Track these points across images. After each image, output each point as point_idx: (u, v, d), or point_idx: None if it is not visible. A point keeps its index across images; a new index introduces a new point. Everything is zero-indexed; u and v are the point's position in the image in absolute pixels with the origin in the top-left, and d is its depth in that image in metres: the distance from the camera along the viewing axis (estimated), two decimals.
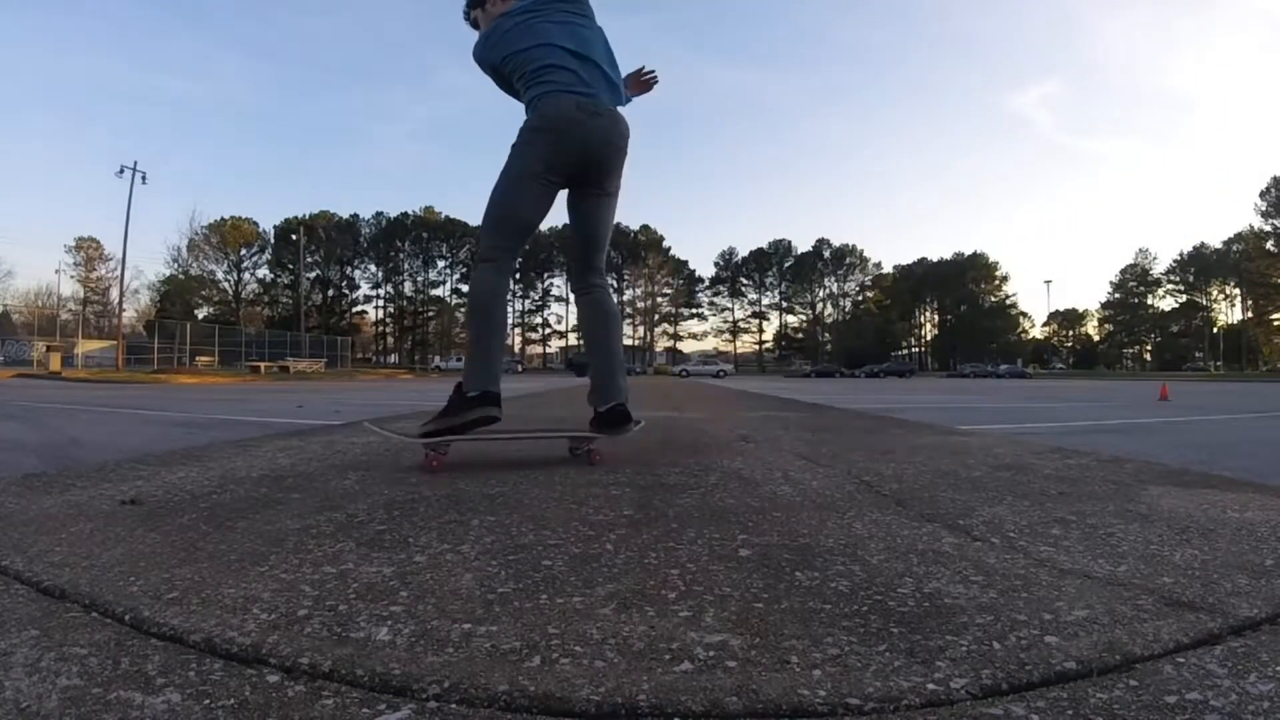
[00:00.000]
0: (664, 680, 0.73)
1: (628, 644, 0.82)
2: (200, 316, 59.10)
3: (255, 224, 70.00)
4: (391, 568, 1.10)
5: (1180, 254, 75.85)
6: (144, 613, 0.89)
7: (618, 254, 77.50)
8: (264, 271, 71.98)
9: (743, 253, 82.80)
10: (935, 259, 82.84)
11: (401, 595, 0.98)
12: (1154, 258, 77.84)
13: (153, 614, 0.89)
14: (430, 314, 77.27)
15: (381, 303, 78.33)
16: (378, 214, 76.69)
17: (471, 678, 0.73)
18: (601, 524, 1.42)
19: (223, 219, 66.98)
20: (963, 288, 79.32)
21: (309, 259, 68.30)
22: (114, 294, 55.78)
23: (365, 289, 77.55)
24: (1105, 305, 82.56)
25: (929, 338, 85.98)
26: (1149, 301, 78.54)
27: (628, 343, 76.20)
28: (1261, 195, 65.37)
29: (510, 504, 1.61)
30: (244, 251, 69.60)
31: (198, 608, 0.91)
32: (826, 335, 79.88)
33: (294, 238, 62.05)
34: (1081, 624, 0.88)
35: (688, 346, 78.66)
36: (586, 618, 0.90)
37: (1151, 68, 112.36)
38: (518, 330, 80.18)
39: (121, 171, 33.21)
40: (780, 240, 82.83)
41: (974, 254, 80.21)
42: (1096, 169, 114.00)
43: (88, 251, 63.52)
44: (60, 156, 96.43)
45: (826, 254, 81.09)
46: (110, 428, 4.96)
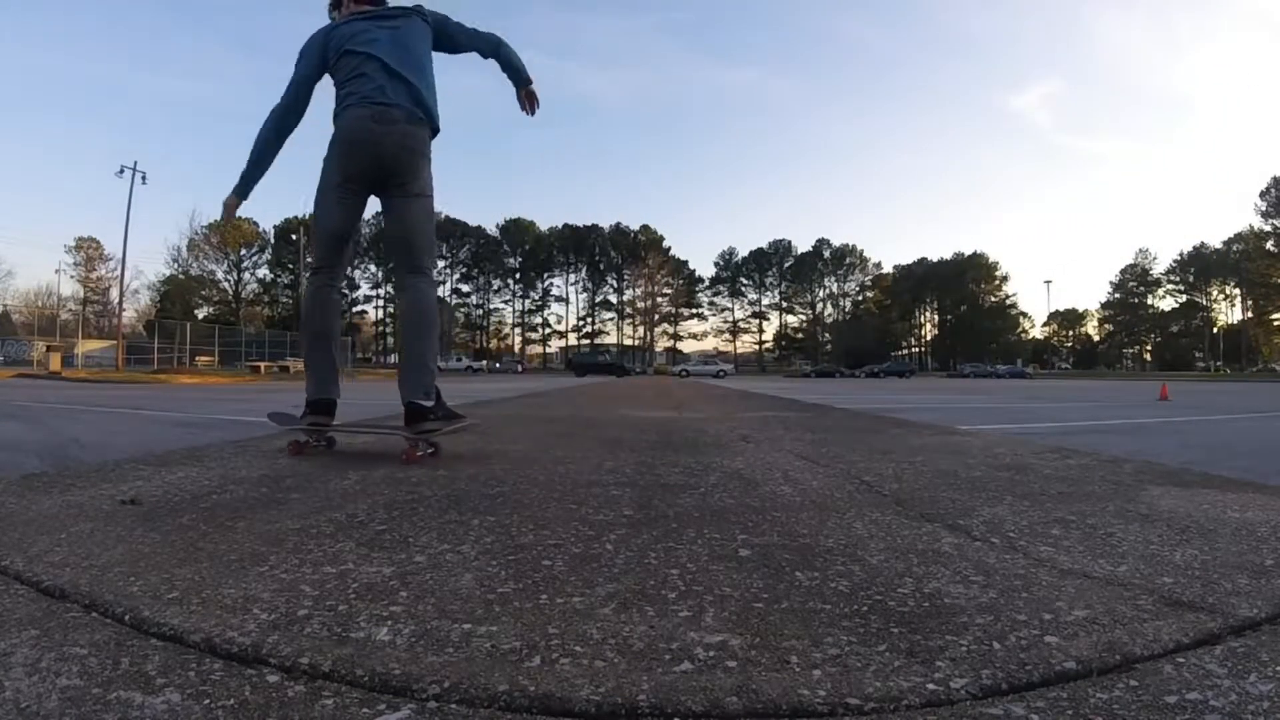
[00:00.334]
0: (664, 680, 0.73)
1: (628, 644, 0.82)
2: (200, 316, 59.11)
3: (255, 224, 69.95)
4: (391, 568, 1.10)
5: (1180, 254, 76.04)
6: (144, 613, 0.89)
7: (618, 254, 77.58)
8: (264, 271, 72.11)
9: (743, 253, 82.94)
10: (935, 259, 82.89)
11: (401, 595, 0.98)
12: (1154, 258, 78.00)
13: (153, 614, 0.89)
14: None
15: (381, 303, 78.36)
16: (377, 214, 76.34)
17: (471, 678, 0.73)
18: (601, 524, 1.43)
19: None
20: (963, 288, 79.32)
21: (309, 259, 68.27)
22: (114, 294, 55.82)
23: (365, 289, 77.60)
24: (1105, 305, 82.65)
25: (929, 338, 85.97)
26: (1149, 301, 78.60)
27: (628, 342, 76.22)
28: (1261, 195, 65.46)
29: (510, 504, 1.61)
30: (244, 251, 69.62)
31: (198, 608, 0.91)
32: (826, 335, 79.86)
33: (294, 238, 62.02)
34: (1081, 624, 0.88)
35: (688, 346, 78.72)
36: (586, 618, 0.90)
37: (1151, 68, 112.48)
38: (518, 330, 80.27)
39: (121, 171, 33.14)
40: (780, 240, 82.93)
41: (974, 254, 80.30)
42: (1096, 169, 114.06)
43: (88, 251, 63.53)
44: (60, 156, 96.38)
45: (826, 254, 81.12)
46: (110, 428, 4.95)
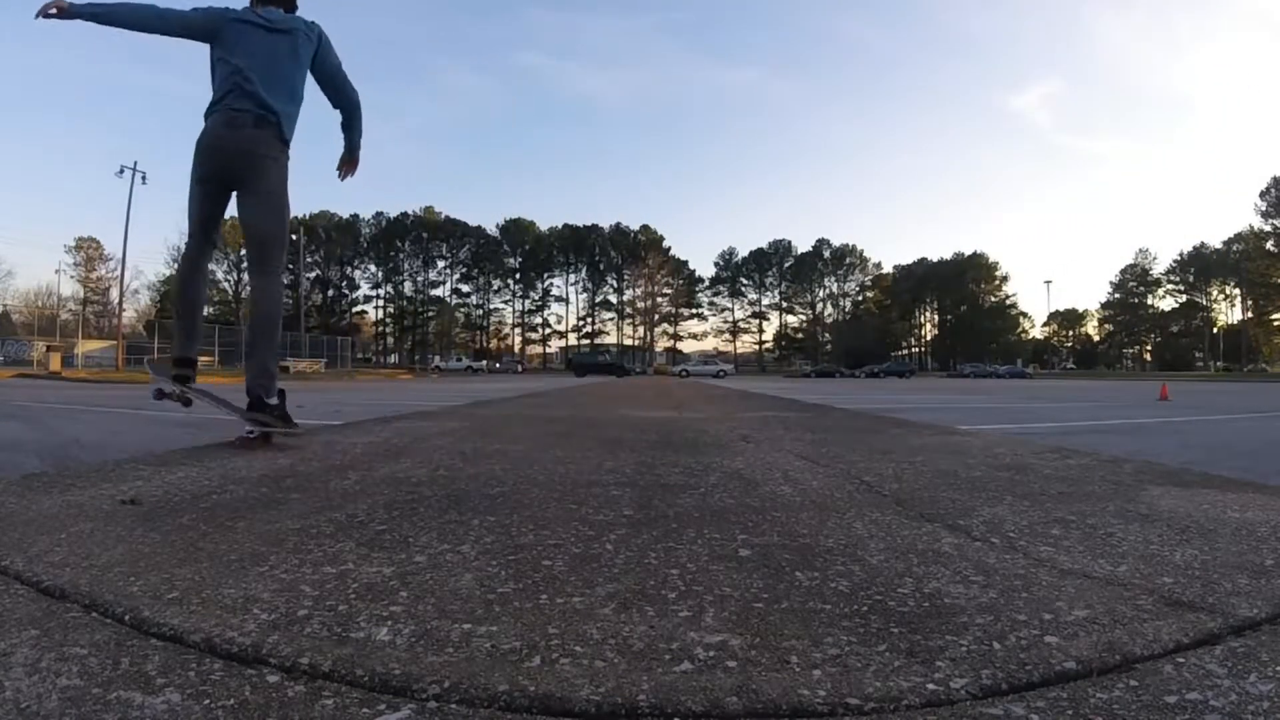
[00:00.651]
0: (664, 680, 0.73)
1: (628, 644, 0.82)
2: None
3: None
4: (391, 568, 1.10)
5: (1180, 254, 76.05)
6: (144, 613, 0.89)
7: (618, 254, 77.58)
8: None
9: (743, 253, 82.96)
10: (935, 259, 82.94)
11: (401, 595, 0.98)
12: (1154, 258, 77.99)
13: (153, 614, 0.88)
14: (430, 314, 77.32)
15: (381, 303, 78.50)
16: (378, 214, 76.75)
17: (471, 678, 0.73)
18: (601, 524, 1.43)
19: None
20: (963, 288, 79.32)
21: (309, 259, 68.33)
22: (114, 294, 55.85)
23: (365, 289, 77.74)
24: (1105, 305, 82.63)
25: (929, 338, 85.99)
26: (1149, 301, 78.57)
27: (628, 342, 76.16)
28: (1261, 195, 65.43)
29: (510, 504, 1.61)
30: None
31: (198, 608, 0.91)
32: (826, 335, 79.88)
33: (294, 238, 61.94)
34: (1081, 624, 0.88)
35: (688, 346, 78.72)
36: (586, 618, 0.90)
37: (1151, 68, 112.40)
38: (518, 330, 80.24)
39: (121, 171, 33.18)
40: (780, 240, 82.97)
41: (974, 254, 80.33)
42: (1096, 169, 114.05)
43: (88, 251, 63.55)
44: (60, 156, 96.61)
45: (826, 254, 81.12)
46: (110, 427, 4.95)
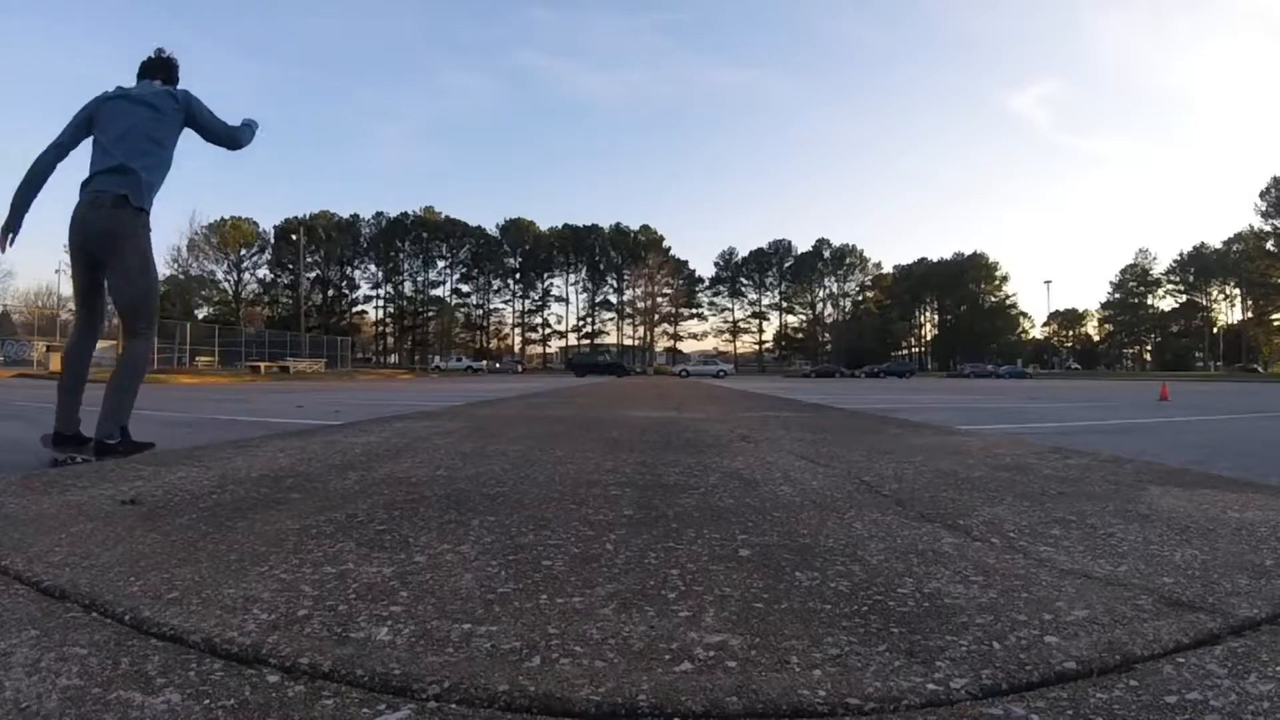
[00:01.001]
0: (664, 680, 0.73)
1: (628, 644, 0.82)
2: (200, 317, 58.99)
3: (255, 224, 69.93)
4: (391, 568, 1.10)
5: (1180, 254, 75.91)
6: (144, 613, 0.89)
7: (618, 254, 77.59)
8: (264, 271, 71.97)
9: (743, 253, 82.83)
10: (935, 259, 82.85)
11: (401, 595, 0.98)
12: (1154, 258, 77.88)
13: (153, 614, 0.89)
14: (430, 314, 77.28)
15: (381, 303, 78.38)
16: (378, 214, 76.68)
17: (471, 678, 0.73)
18: (601, 524, 1.43)
19: (223, 219, 66.67)
20: (963, 288, 79.26)
21: (309, 259, 68.28)
22: None
23: (365, 289, 77.61)
24: (1105, 305, 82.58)
25: (929, 338, 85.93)
26: (1149, 301, 78.52)
27: (628, 342, 76.20)
28: (1261, 195, 65.29)
29: (510, 504, 1.61)
30: (244, 251, 69.49)
31: (198, 608, 0.91)
32: (826, 335, 79.80)
33: (294, 238, 61.98)
34: (1081, 624, 0.88)
35: (688, 346, 78.60)
36: (586, 618, 0.90)
37: (1151, 68, 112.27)
38: (518, 330, 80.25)
39: None
40: (780, 240, 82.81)
41: (974, 254, 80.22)
42: (1096, 169, 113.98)
43: None
44: None
45: (826, 254, 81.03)
46: None
